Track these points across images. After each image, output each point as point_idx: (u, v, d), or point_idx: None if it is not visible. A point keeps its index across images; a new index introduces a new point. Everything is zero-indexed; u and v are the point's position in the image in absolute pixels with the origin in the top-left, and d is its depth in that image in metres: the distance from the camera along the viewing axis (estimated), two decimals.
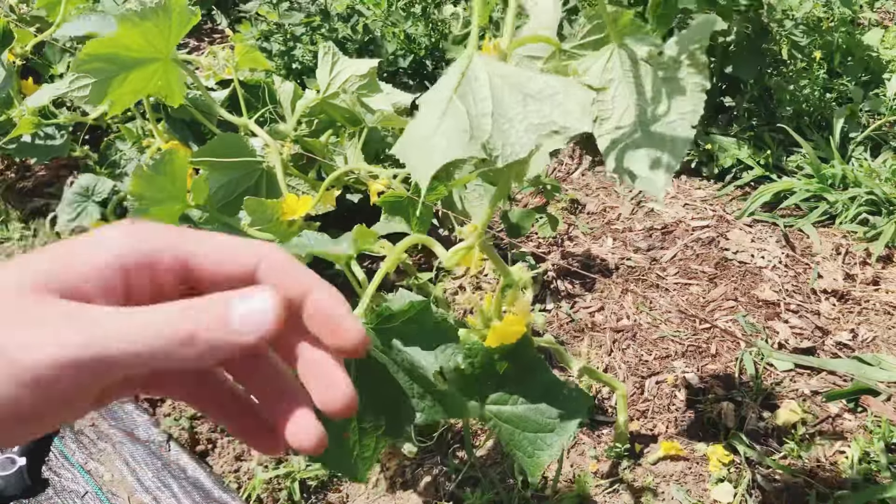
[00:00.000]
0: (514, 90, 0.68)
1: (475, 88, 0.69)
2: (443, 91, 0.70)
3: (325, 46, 1.43)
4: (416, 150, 0.68)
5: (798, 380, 1.55)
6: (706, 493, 1.36)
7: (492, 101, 0.68)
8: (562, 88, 0.68)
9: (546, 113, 0.67)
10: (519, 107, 0.68)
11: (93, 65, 1.12)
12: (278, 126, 1.47)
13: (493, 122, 0.68)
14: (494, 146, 0.67)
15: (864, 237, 1.89)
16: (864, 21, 2.66)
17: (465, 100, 0.68)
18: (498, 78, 0.69)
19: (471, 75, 0.69)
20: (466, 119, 0.68)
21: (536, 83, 0.68)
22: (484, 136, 0.67)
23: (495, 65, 0.70)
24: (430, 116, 0.69)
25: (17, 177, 2.53)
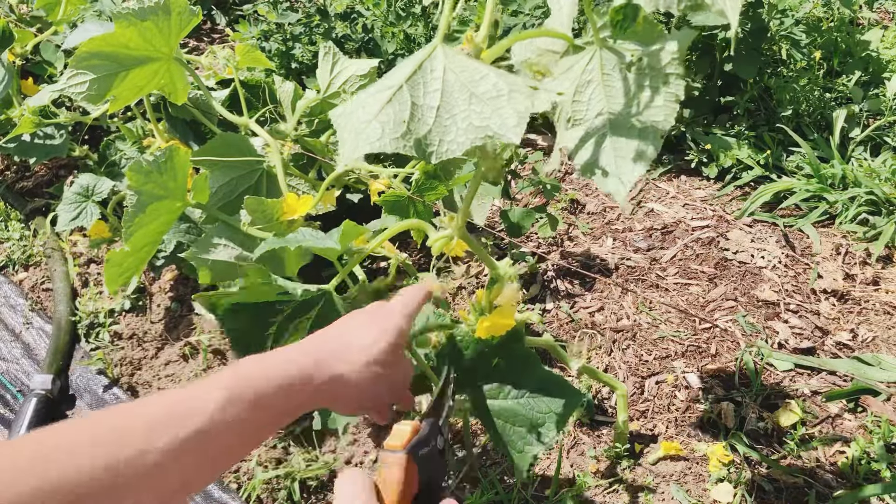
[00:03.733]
0: (464, 88, 0.68)
1: (428, 80, 0.69)
2: (396, 77, 0.70)
3: (325, 46, 1.43)
4: (351, 131, 0.69)
5: (798, 380, 1.55)
6: (706, 493, 1.36)
7: (441, 95, 0.68)
8: (507, 93, 0.67)
9: (486, 116, 0.67)
10: (464, 105, 0.68)
11: (91, 62, 1.12)
12: (279, 126, 1.47)
13: (437, 116, 0.68)
14: (431, 141, 0.68)
15: (864, 237, 1.89)
16: (863, 21, 2.66)
17: (416, 90, 0.69)
18: (452, 73, 0.69)
19: (427, 66, 0.70)
20: (409, 110, 0.68)
21: (486, 83, 0.68)
22: (424, 129, 0.68)
23: (456, 59, 0.70)
24: (374, 101, 0.69)
25: (17, 177, 2.52)
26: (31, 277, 2.10)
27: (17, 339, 1.90)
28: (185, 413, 0.59)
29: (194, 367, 1.72)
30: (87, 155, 2.13)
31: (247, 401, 0.63)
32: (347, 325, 0.79)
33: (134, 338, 1.84)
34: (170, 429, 0.57)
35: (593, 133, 0.78)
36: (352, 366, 0.73)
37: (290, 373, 0.68)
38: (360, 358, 0.73)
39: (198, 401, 0.60)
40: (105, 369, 1.76)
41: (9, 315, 1.97)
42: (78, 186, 1.81)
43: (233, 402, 0.61)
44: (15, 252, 2.17)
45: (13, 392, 1.74)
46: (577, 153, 0.79)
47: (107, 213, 1.81)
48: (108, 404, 1.68)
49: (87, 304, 1.92)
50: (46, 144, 2.02)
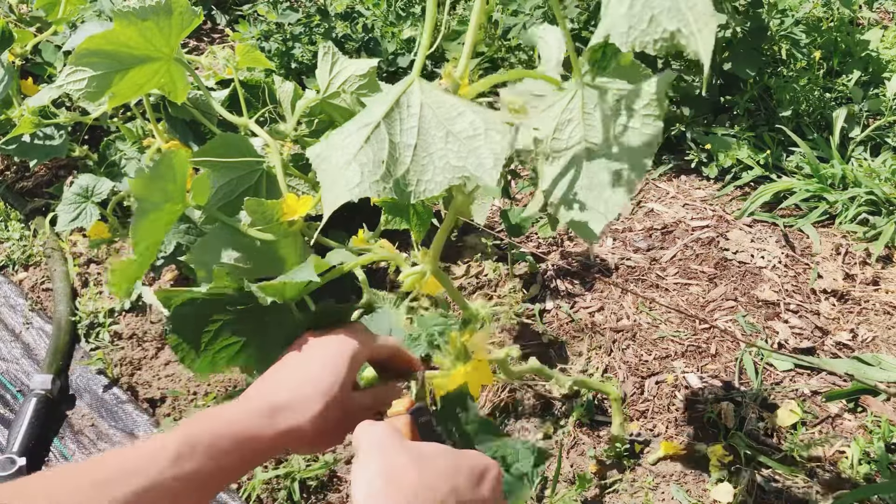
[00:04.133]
0: (440, 125, 0.67)
1: (405, 117, 0.68)
2: (373, 114, 0.68)
3: (324, 46, 1.43)
4: (330, 177, 0.67)
5: (798, 380, 1.55)
6: (706, 493, 1.36)
7: (417, 133, 0.67)
8: (483, 131, 0.66)
9: (463, 156, 0.66)
10: (441, 143, 0.66)
11: (91, 59, 1.12)
12: (278, 126, 1.46)
13: (414, 155, 0.66)
14: (409, 181, 0.66)
15: (864, 237, 1.89)
16: (863, 21, 2.66)
17: (392, 127, 0.67)
18: (429, 109, 0.67)
19: (404, 102, 0.68)
20: (387, 149, 0.66)
21: (463, 121, 0.67)
22: (402, 169, 0.66)
23: (433, 94, 0.68)
24: (352, 141, 0.68)
25: (17, 177, 2.52)
26: (31, 277, 2.10)
27: (17, 339, 1.90)
28: (135, 469, 0.59)
29: None
30: (87, 155, 2.13)
31: (200, 455, 0.62)
32: (300, 361, 0.74)
33: (134, 338, 1.84)
34: (120, 485, 0.57)
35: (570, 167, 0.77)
36: (306, 415, 0.69)
37: (244, 429, 0.66)
38: (315, 406, 0.69)
39: (147, 458, 0.60)
40: (105, 369, 1.76)
41: (9, 315, 1.98)
42: (77, 187, 1.81)
43: (184, 457, 0.61)
44: (15, 252, 2.17)
45: (13, 392, 1.74)
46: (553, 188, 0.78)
47: (106, 213, 1.81)
48: (108, 404, 1.68)
49: (87, 304, 1.92)
50: (46, 145, 2.02)
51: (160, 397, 1.68)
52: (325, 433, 0.71)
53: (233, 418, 0.66)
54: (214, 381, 1.68)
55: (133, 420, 1.64)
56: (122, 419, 1.64)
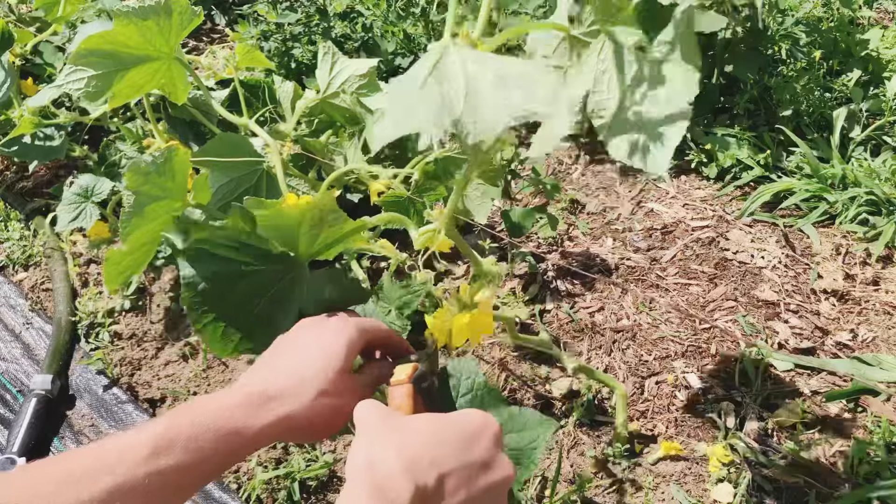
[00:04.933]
0: (487, 73, 0.68)
1: (449, 72, 0.69)
2: (418, 73, 0.70)
3: (324, 46, 1.43)
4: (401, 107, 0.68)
5: (798, 380, 1.55)
6: (706, 493, 1.36)
7: (464, 82, 0.68)
8: (533, 73, 0.67)
9: (517, 95, 0.66)
10: (491, 88, 0.67)
11: (90, 59, 1.12)
12: (278, 126, 1.47)
13: (466, 101, 0.67)
14: (465, 123, 0.67)
15: (864, 237, 1.89)
16: (863, 21, 2.66)
17: (440, 82, 0.68)
18: (472, 63, 0.69)
19: (445, 60, 0.69)
20: (440, 98, 0.67)
21: (510, 68, 0.68)
22: (456, 112, 0.67)
23: (469, 52, 0.70)
24: (411, 87, 0.69)
25: (17, 177, 2.52)
26: (31, 277, 2.10)
27: (17, 339, 1.90)
28: (106, 466, 0.58)
29: (194, 368, 1.72)
30: (87, 155, 2.13)
31: (178, 450, 0.61)
32: (295, 347, 0.73)
33: (134, 338, 1.84)
34: (89, 484, 0.57)
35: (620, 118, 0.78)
36: (300, 401, 0.67)
37: (228, 422, 0.64)
38: (309, 393, 0.68)
39: (121, 453, 0.59)
40: (105, 369, 1.76)
41: (9, 315, 1.97)
42: (78, 187, 1.81)
43: (160, 452, 0.60)
44: (15, 252, 2.17)
45: (13, 392, 1.74)
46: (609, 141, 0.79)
47: (106, 213, 1.81)
48: (108, 404, 1.68)
49: (87, 304, 1.92)
50: (46, 146, 2.02)
51: (160, 397, 1.68)
52: (319, 421, 0.69)
53: (220, 409, 0.65)
54: (214, 381, 1.68)
55: (133, 420, 1.64)
56: (122, 419, 1.64)
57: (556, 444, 1.47)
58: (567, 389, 1.55)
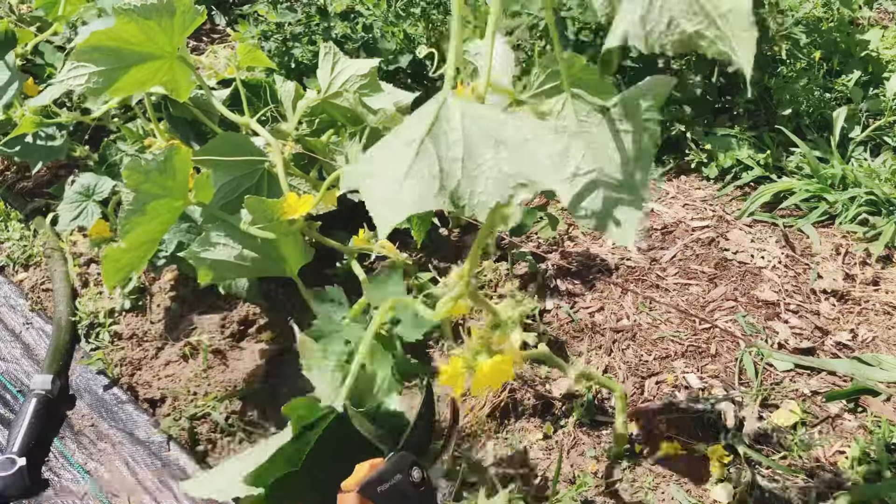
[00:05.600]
0: (487, 135, 0.65)
1: (446, 131, 0.66)
2: (414, 130, 0.67)
3: (325, 46, 1.43)
4: (383, 197, 0.65)
5: (798, 380, 1.55)
6: (706, 493, 1.36)
7: (463, 146, 0.65)
8: (532, 136, 0.64)
9: (516, 162, 0.64)
10: (490, 153, 0.65)
11: (93, 55, 1.12)
12: (280, 125, 1.47)
13: (463, 167, 0.64)
14: (462, 195, 0.64)
15: (864, 237, 1.89)
16: (862, 21, 2.66)
17: (437, 142, 0.65)
18: (470, 121, 0.66)
19: (443, 116, 0.66)
20: (437, 164, 0.64)
21: (508, 129, 0.65)
22: (453, 182, 0.64)
23: (469, 106, 0.67)
24: (400, 158, 0.66)
25: (18, 177, 2.52)
26: (31, 277, 2.10)
27: (17, 339, 1.90)
28: None
29: (194, 368, 1.72)
30: (88, 155, 2.13)
31: None
32: None
33: (134, 338, 1.84)
34: None
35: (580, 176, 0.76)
36: None
37: None
38: None
39: None
40: (105, 369, 1.76)
41: (9, 315, 1.97)
42: (79, 186, 1.81)
43: None
44: (15, 252, 2.17)
45: (13, 392, 1.74)
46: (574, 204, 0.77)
47: (108, 212, 1.81)
48: (108, 404, 1.68)
49: (87, 304, 1.92)
50: (47, 146, 2.02)
51: (160, 397, 1.68)
52: None
53: None
54: (215, 382, 1.68)
55: (133, 420, 1.64)
56: (122, 419, 1.64)
57: (556, 445, 1.47)
58: (567, 389, 1.55)
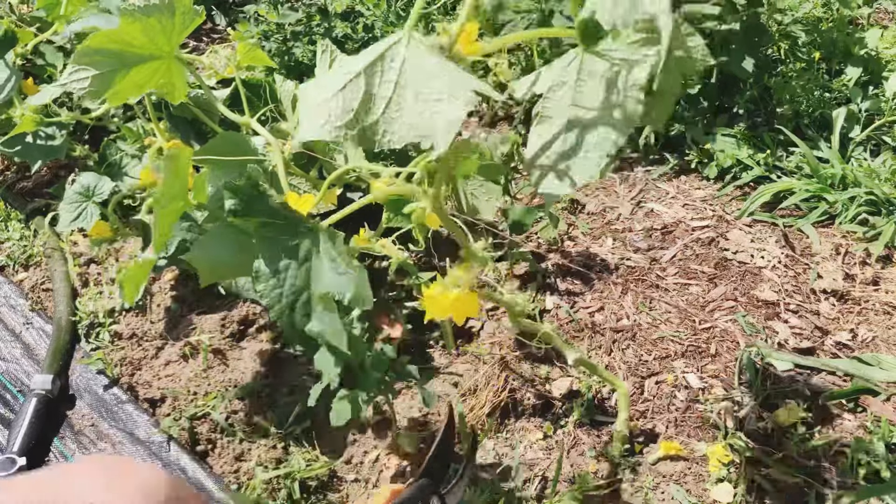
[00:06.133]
0: (414, 84, 0.69)
1: (385, 69, 0.70)
2: (358, 63, 0.71)
3: (322, 44, 1.43)
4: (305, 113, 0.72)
5: (798, 380, 1.55)
6: (706, 493, 1.36)
7: (394, 88, 0.69)
8: (447, 97, 0.68)
9: (426, 117, 0.68)
10: (412, 101, 0.69)
11: (93, 58, 1.12)
12: (280, 125, 1.47)
13: (386, 108, 0.69)
14: (377, 130, 0.69)
15: (864, 237, 1.89)
16: (862, 21, 2.66)
17: (371, 78, 0.70)
18: (410, 66, 0.70)
19: (388, 55, 0.70)
20: (360, 98, 0.70)
21: (433, 84, 0.69)
22: (372, 118, 0.69)
23: (419, 52, 0.71)
24: (331, 86, 0.71)
25: (18, 177, 2.52)
26: (32, 277, 2.10)
27: (17, 339, 1.90)
28: None
29: (194, 367, 1.72)
30: (88, 155, 2.13)
31: None
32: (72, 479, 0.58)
33: (134, 338, 1.84)
34: None
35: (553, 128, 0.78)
36: None
37: None
38: None
39: None
40: (105, 369, 1.76)
41: (9, 315, 1.97)
42: (79, 186, 1.81)
43: None
44: (15, 252, 2.17)
45: (13, 392, 1.74)
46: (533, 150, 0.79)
47: (108, 212, 1.81)
48: (109, 404, 1.68)
49: (87, 304, 1.92)
50: (47, 146, 2.02)
51: (160, 397, 1.68)
52: None
53: None
54: (215, 382, 1.68)
55: (133, 420, 1.64)
56: (122, 419, 1.64)
57: (556, 444, 1.47)
58: (567, 389, 1.55)
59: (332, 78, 0.72)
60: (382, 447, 1.51)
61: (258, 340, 1.79)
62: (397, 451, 1.49)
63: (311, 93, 0.73)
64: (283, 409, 1.61)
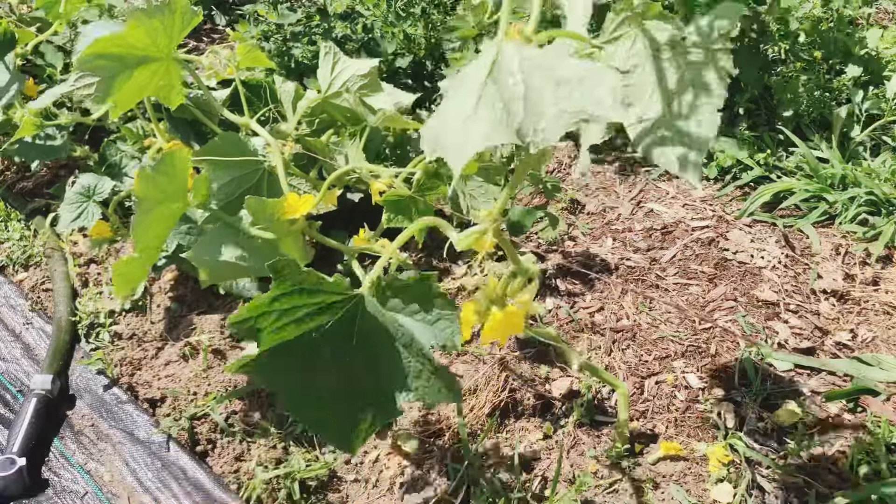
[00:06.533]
0: (546, 75, 0.67)
1: (505, 73, 0.68)
2: (475, 75, 0.70)
3: (325, 46, 1.43)
4: (453, 134, 0.68)
5: (798, 380, 1.55)
6: (706, 493, 1.36)
7: (524, 85, 0.67)
8: (591, 73, 0.66)
9: (577, 99, 0.66)
10: (551, 90, 0.67)
11: (97, 63, 1.12)
12: (279, 125, 1.47)
13: (525, 106, 0.67)
14: (526, 131, 0.66)
15: (864, 237, 1.89)
16: (862, 21, 2.66)
17: (498, 85, 0.68)
18: (528, 62, 0.68)
19: (502, 59, 0.69)
20: (500, 104, 0.67)
21: (566, 68, 0.67)
22: (517, 120, 0.66)
23: (525, 49, 0.70)
24: (465, 101, 0.69)
25: (18, 177, 2.52)
26: (32, 278, 2.10)
27: (17, 339, 1.90)
28: None
29: (194, 368, 1.72)
30: (88, 155, 2.13)
31: None
32: None
33: (134, 338, 1.84)
34: None
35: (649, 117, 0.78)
36: None
37: None
38: None
39: None
40: (105, 369, 1.76)
41: (9, 315, 1.97)
42: (79, 186, 1.81)
43: None
44: (15, 252, 2.17)
45: (13, 392, 1.74)
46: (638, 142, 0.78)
47: (108, 212, 1.81)
48: (108, 404, 1.68)
49: (87, 304, 1.92)
50: (47, 146, 2.02)
51: (160, 397, 1.68)
52: None
53: None
54: (215, 382, 1.68)
55: (133, 420, 1.64)
56: (122, 419, 1.64)
57: (556, 444, 1.47)
58: (567, 389, 1.55)
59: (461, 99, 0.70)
60: (382, 447, 1.51)
61: None
62: (397, 451, 1.49)
63: (445, 118, 0.70)
64: (283, 408, 1.61)
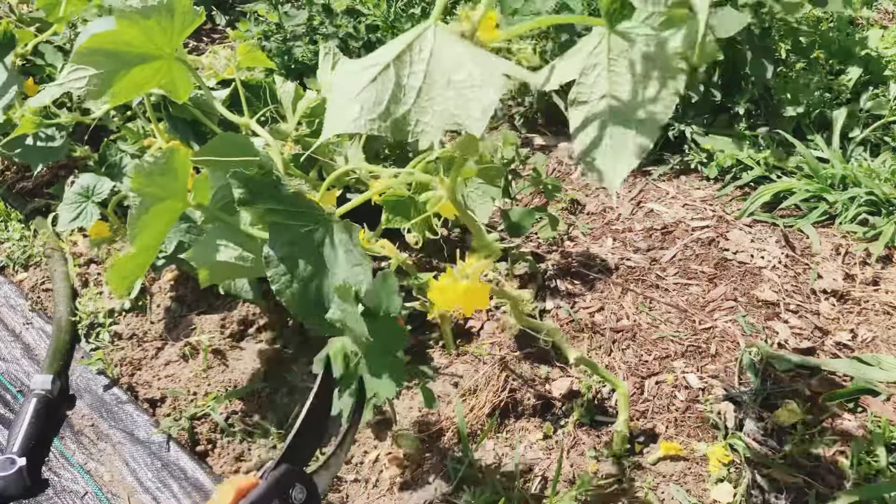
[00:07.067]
0: (444, 73, 0.69)
1: (414, 60, 0.70)
2: (386, 54, 0.71)
3: (325, 47, 1.43)
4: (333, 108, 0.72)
5: (798, 380, 1.55)
6: (706, 493, 1.36)
7: (423, 77, 0.69)
8: (479, 84, 0.68)
9: (460, 105, 0.68)
10: (442, 89, 0.69)
11: (93, 58, 1.12)
12: (279, 126, 1.47)
13: (417, 97, 0.69)
14: (409, 121, 0.69)
15: (864, 237, 1.89)
16: (862, 21, 2.66)
17: (401, 69, 0.70)
18: (438, 55, 0.70)
19: (416, 45, 0.70)
20: (391, 89, 0.69)
21: (463, 72, 0.69)
22: (403, 109, 0.69)
23: (447, 40, 0.71)
24: (360, 78, 0.71)
25: (17, 177, 2.53)
26: (32, 278, 2.10)
27: (17, 339, 1.90)
28: None
29: (194, 368, 1.72)
30: (88, 155, 2.13)
31: None
32: None
33: (134, 338, 1.84)
34: None
35: (593, 118, 0.78)
36: None
37: None
38: None
39: None
40: (105, 369, 1.76)
41: (9, 315, 1.98)
42: (79, 186, 1.81)
43: None
44: (15, 252, 2.17)
45: (13, 392, 1.74)
46: (576, 136, 0.79)
47: (107, 213, 1.81)
48: (109, 404, 1.68)
49: (87, 304, 1.93)
50: (47, 147, 2.02)
51: (160, 397, 1.68)
52: None
53: None
54: (215, 382, 1.68)
55: (133, 420, 1.64)
56: (122, 419, 1.64)
57: (556, 444, 1.47)
58: (567, 389, 1.55)
59: (362, 71, 0.72)
60: (382, 447, 1.51)
61: (258, 341, 1.79)
62: (397, 452, 1.49)
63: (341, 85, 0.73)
64: (282, 409, 1.61)
